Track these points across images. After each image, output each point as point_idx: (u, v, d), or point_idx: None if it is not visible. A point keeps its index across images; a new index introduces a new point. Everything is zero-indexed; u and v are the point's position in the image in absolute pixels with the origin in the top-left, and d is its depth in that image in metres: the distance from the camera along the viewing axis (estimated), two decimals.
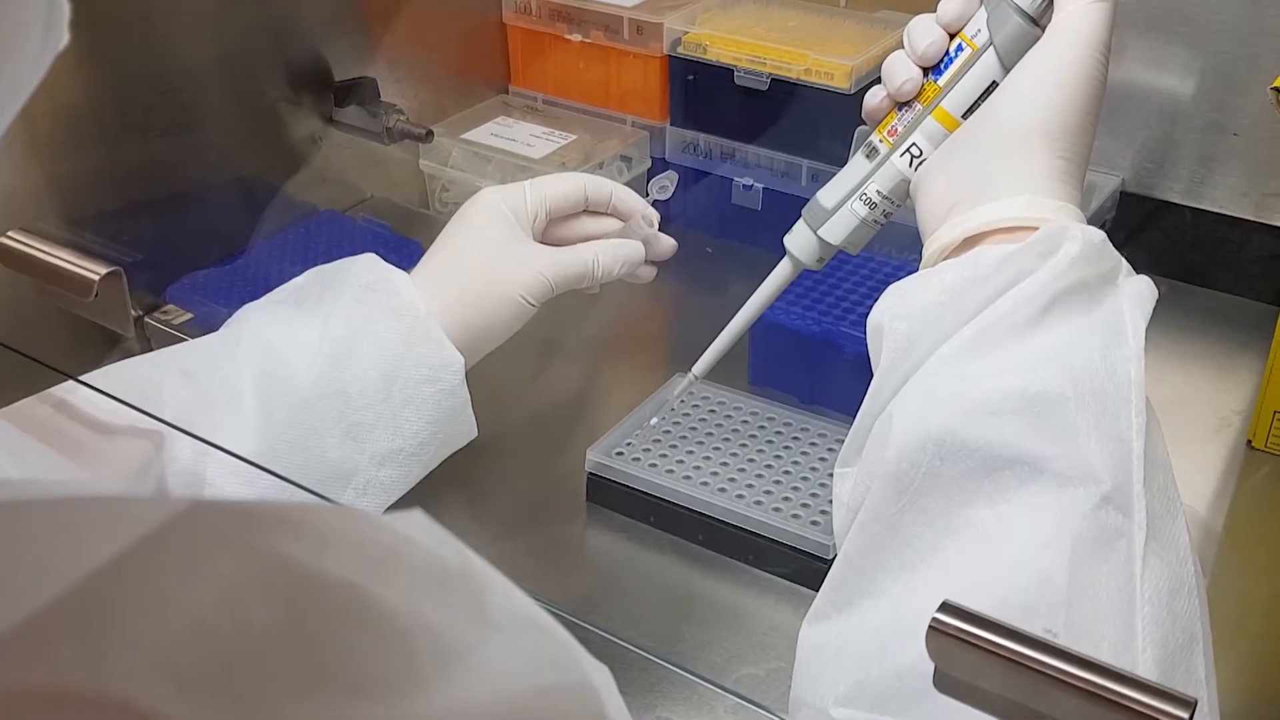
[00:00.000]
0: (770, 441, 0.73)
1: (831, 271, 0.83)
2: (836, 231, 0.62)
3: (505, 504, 0.74)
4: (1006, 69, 0.56)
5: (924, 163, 0.58)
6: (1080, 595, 0.43)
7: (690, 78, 0.98)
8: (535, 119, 1.04)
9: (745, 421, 0.75)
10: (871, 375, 0.76)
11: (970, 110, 0.57)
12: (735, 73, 0.94)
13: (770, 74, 0.93)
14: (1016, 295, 0.49)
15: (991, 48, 0.56)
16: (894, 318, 0.53)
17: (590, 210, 0.72)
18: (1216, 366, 0.86)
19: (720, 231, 1.01)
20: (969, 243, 0.54)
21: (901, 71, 0.58)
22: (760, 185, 0.96)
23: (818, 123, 0.93)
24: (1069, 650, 0.35)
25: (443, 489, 0.70)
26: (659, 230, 0.72)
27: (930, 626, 0.36)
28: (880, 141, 0.60)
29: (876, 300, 0.79)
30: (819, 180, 0.93)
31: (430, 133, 0.96)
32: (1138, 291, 0.50)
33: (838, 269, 0.83)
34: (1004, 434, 0.46)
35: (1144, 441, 0.46)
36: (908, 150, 0.59)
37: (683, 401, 0.76)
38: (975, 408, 0.47)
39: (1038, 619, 0.43)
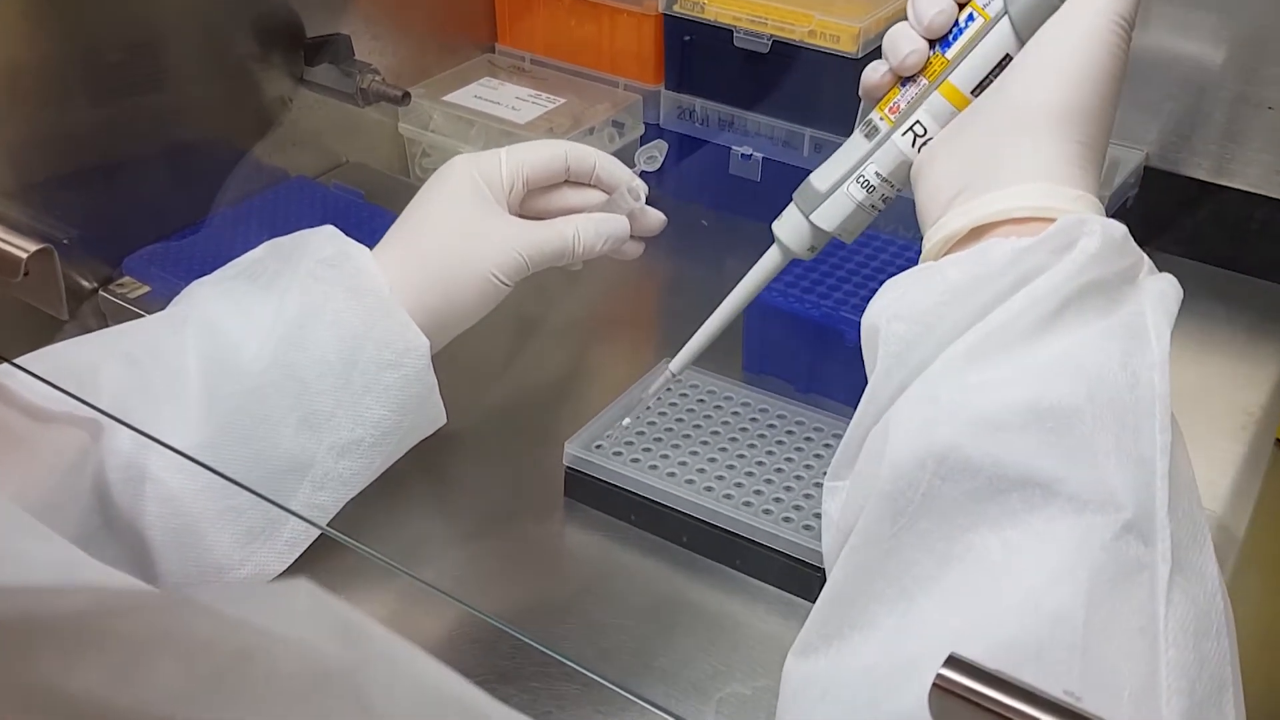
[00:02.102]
0: (763, 435, 0.68)
1: (833, 251, 0.77)
2: (830, 217, 0.56)
3: (476, 499, 0.69)
4: (1022, 41, 0.51)
5: (928, 143, 0.53)
6: (1098, 638, 0.39)
7: (686, 39, 0.92)
8: (522, 80, 0.99)
9: (736, 413, 0.70)
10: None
11: (981, 86, 0.52)
12: (735, 34, 0.89)
13: (772, 36, 0.87)
14: (1028, 295, 0.45)
15: (1006, 18, 0.51)
16: (891, 319, 0.48)
17: (572, 181, 0.67)
18: (1241, 356, 0.81)
19: (716, 203, 0.95)
20: (976, 233, 0.49)
21: (905, 43, 0.53)
22: (760, 155, 0.91)
23: (822, 89, 0.87)
24: (1093, 716, 0.31)
25: (408, 482, 0.66)
26: (647, 204, 0.67)
27: (934, 684, 0.32)
28: (881, 119, 0.55)
29: (881, 283, 0.75)
30: (823, 150, 0.88)
31: (407, 95, 0.90)
32: (1161, 291, 0.46)
33: (840, 248, 0.78)
34: (1013, 452, 0.42)
35: (1168, 461, 0.42)
36: (911, 129, 0.54)
37: (669, 390, 0.71)
38: (981, 421, 0.43)
39: (1051, 663, 0.39)
